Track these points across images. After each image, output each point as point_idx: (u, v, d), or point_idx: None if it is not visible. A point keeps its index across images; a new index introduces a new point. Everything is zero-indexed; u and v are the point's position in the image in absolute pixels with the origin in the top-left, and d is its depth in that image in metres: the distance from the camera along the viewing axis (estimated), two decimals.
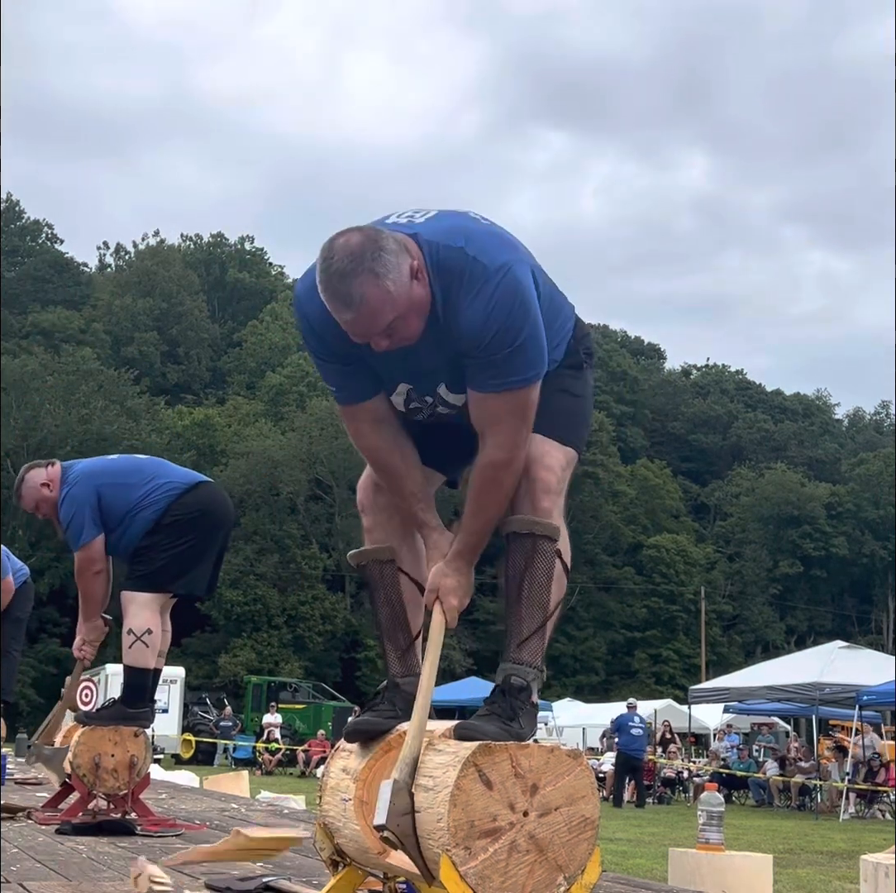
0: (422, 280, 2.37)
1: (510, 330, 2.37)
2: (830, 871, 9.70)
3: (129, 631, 5.03)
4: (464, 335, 2.39)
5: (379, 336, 2.37)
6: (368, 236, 2.33)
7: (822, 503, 64.36)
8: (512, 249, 2.45)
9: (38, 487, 5.24)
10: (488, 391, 2.44)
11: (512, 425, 2.45)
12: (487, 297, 2.36)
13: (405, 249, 2.35)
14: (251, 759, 26.26)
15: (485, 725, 2.28)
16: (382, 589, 2.67)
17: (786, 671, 20.84)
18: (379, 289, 2.29)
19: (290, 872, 3.45)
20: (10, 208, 66.65)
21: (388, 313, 2.32)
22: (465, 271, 2.37)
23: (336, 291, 2.31)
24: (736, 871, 6.34)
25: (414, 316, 2.38)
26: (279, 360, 60.85)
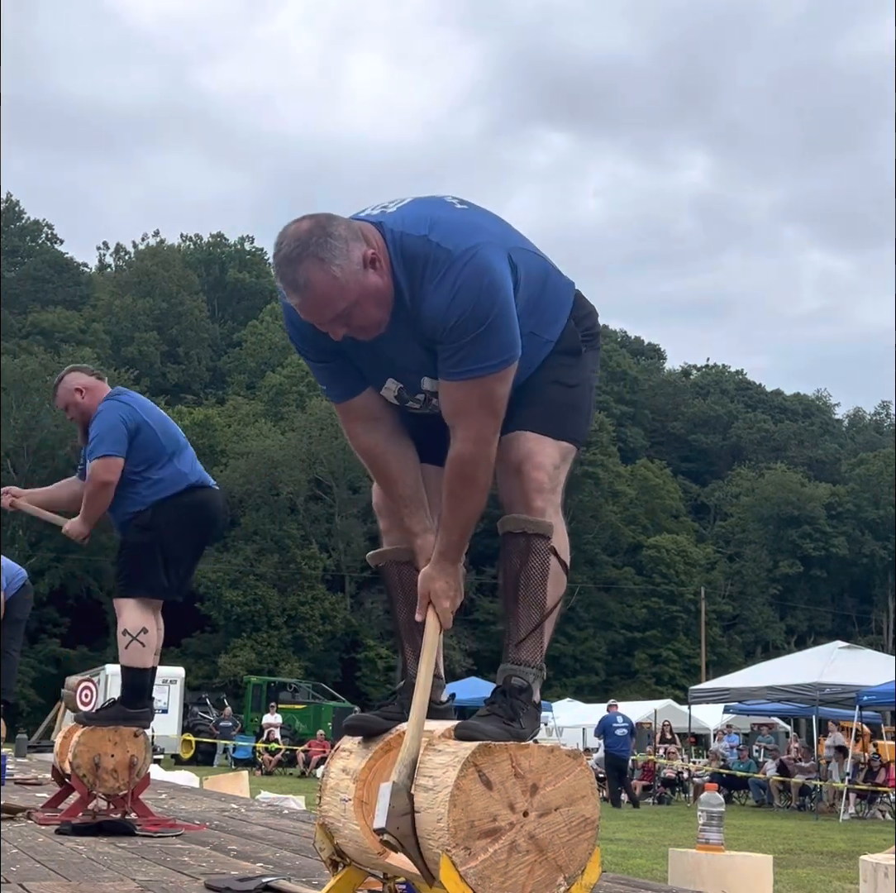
0: (380, 269, 2.35)
1: (475, 314, 2.32)
2: (830, 871, 9.70)
3: (124, 632, 5.02)
4: (428, 321, 2.36)
5: (333, 323, 2.36)
6: (318, 222, 2.33)
7: (822, 503, 64.35)
8: (482, 232, 2.40)
9: (72, 390, 5.16)
10: (453, 379, 2.39)
11: (479, 417, 2.39)
12: (451, 281, 2.32)
13: (359, 237, 2.34)
14: (251, 759, 26.27)
15: (484, 725, 2.27)
16: (401, 590, 2.64)
17: (786, 672, 20.84)
18: (324, 273, 2.28)
19: (290, 872, 3.45)
20: (10, 208, 66.67)
21: (336, 299, 2.31)
22: (430, 258, 2.34)
23: (284, 276, 2.32)
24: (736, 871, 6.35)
25: (371, 304, 2.35)
26: (279, 360, 60.83)
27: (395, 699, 2.59)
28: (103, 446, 5.01)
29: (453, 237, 2.36)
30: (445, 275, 2.33)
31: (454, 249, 2.34)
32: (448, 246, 2.34)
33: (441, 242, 2.35)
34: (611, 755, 19.53)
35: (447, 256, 2.33)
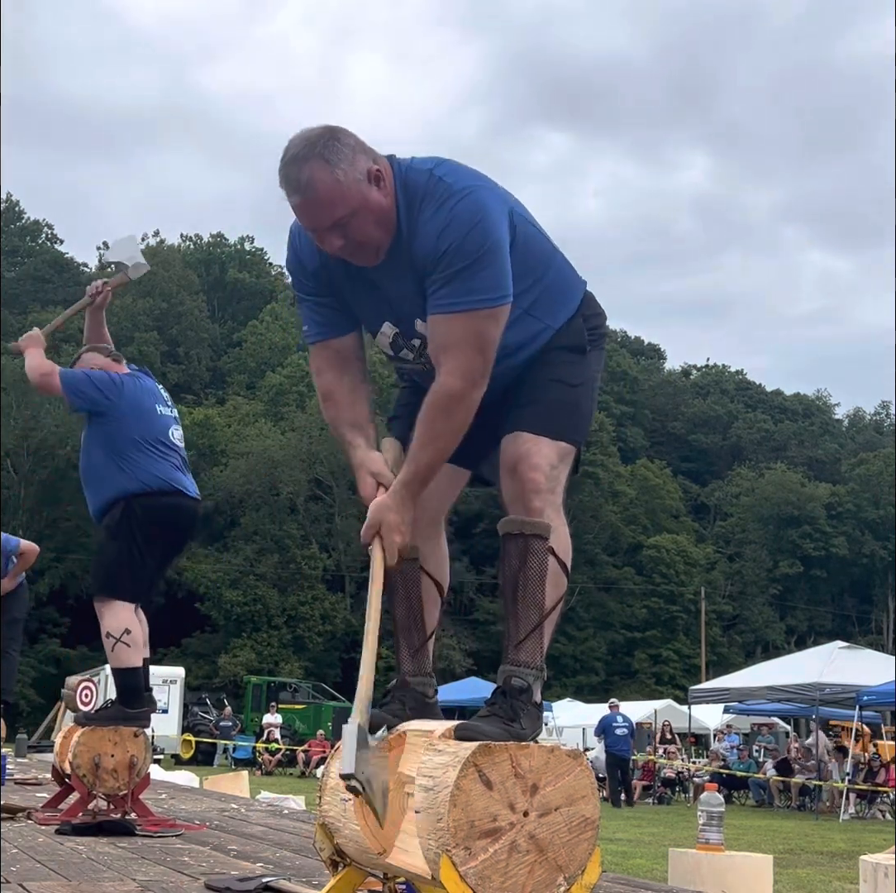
0: (383, 189, 2.35)
1: (465, 246, 2.31)
2: (830, 871, 9.70)
3: (107, 635, 5.01)
4: (419, 251, 2.35)
5: (330, 232, 2.34)
6: (327, 128, 2.35)
7: (822, 503, 64.37)
8: (486, 180, 2.41)
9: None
10: (440, 311, 2.37)
11: (465, 353, 2.36)
12: (446, 212, 2.33)
13: (367, 152, 2.35)
14: (251, 759, 26.27)
15: (484, 725, 2.27)
16: (403, 586, 2.61)
17: (786, 672, 20.84)
18: (328, 174, 2.29)
19: (290, 872, 3.45)
20: (10, 208, 66.66)
21: (335, 203, 2.30)
22: (429, 190, 2.36)
23: (287, 175, 2.32)
24: (736, 871, 6.35)
25: (370, 220, 2.34)
26: (279, 360, 60.83)
27: (393, 695, 2.59)
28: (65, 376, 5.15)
29: (455, 174, 2.38)
30: (441, 207, 2.34)
31: (454, 184, 2.36)
32: (448, 180, 2.36)
33: (443, 177, 2.37)
34: (611, 754, 19.54)
35: (446, 189, 2.35)
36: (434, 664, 2.70)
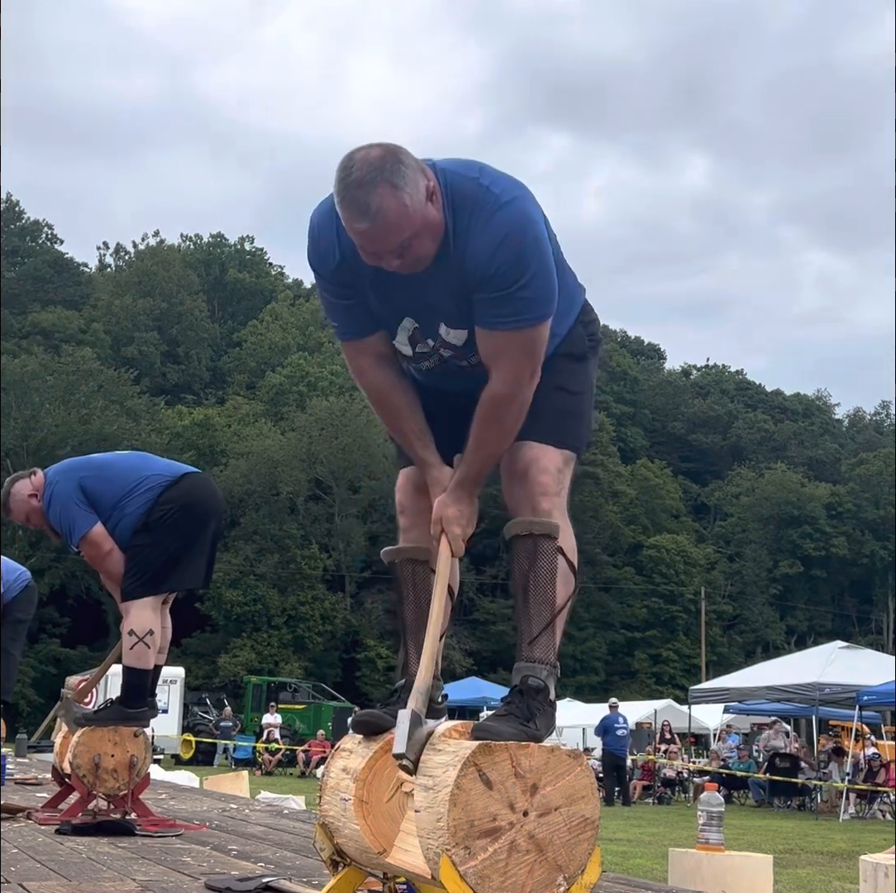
0: (436, 203, 2.35)
1: (519, 264, 2.34)
2: (830, 871, 9.70)
3: (130, 632, 5.01)
4: (471, 266, 2.37)
5: (391, 254, 2.34)
6: (388, 149, 2.32)
7: (822, 503, 64.34)
8: (525, 189, 2.43)
9: (27, 498, 5.19)
10: (496, 329, 2.41)
11: (519, 362, 2.43)
12: (497, 227, 2.34)
13: (421, 169, 2.34)
14: (251, 759, 26.26)
15: (501, 726, 2.27)
16: (412, 589, 2.65)
17: (786, 671, 20.83)
18: (396, 200, 2.27)
19: (290, 872, 3.45)
20: (10, 208, 66.60)
21: (403, 228, 2.30)
22: (478, 200, 2.36)
23: (354, 199, 2.29)
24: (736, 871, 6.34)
25: (427, 237, 2.35)
26: (279, 360, 60.82)
27: (398, 697, 2.60)
28: (75, 526, 5.07)
29: (500, 183, 2.39)
30: (491, 219, 2.34)
31: (501, 194, 2.36)
32: (496, 190, 2.37)
33: (491, 186, 2.37)
34: (611, 754, 19.55)
35: (495, 200, 2.35)
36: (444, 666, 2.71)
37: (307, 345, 62.15)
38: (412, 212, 2.29)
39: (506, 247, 2.33)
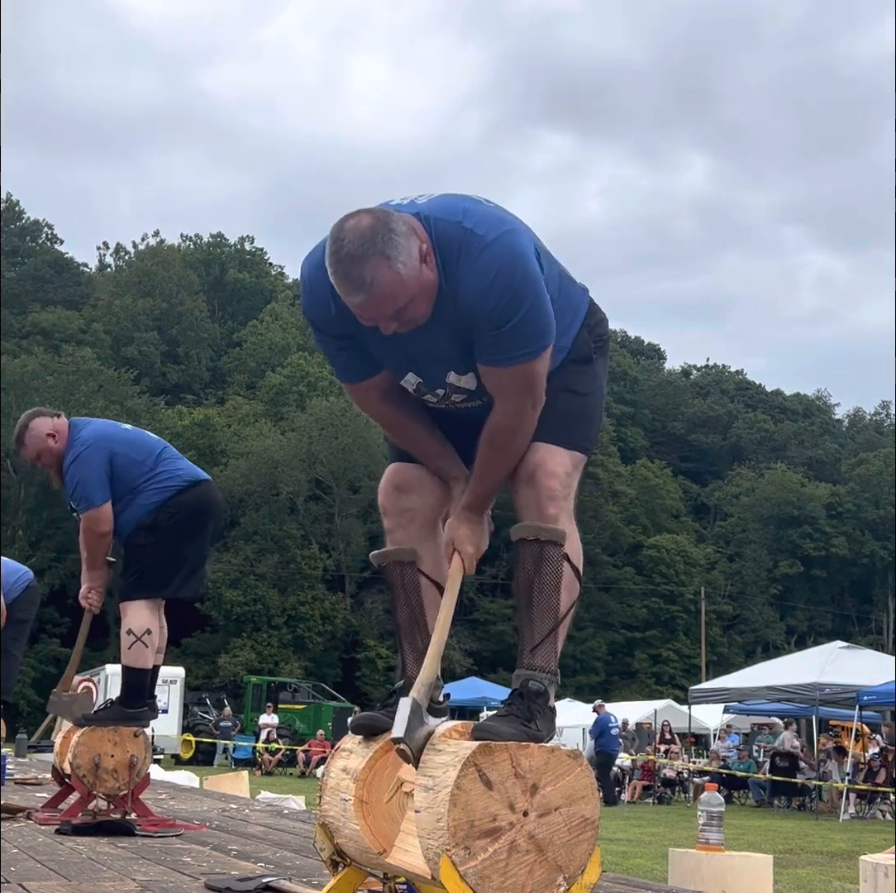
0: (430, 263, 2.36)
1: (512, 301, 2.34)
2: (830, 871, 9.70)
3: (128, 631, 5.02)
4: (464, 308, 2.38)
5: (388, 320, 2.36)
6: (379, 219, 2.32)
7: (822, 503, 64.33)
8: (510, 222, 2.43)
9: (44, 436, 5.11)
10: (493, 366, 2.44)
11: (520, 395, 2.45)
12: (485, 267, 2.34)
13: (413, 232, 2.34)
14: (251, 759, 26.26)
15: (502, 726, 2.28)
16: (402, 590, 2.65)
17: (786, 671, 20.82)
18: (391, 272, 2.28)
19: (290, 872, 3.45)
20: (10, 208, 66.59)
21: (399, 297, 2.31)
22: (463, 243, 2.36)
23: (347, 274, 2.30)
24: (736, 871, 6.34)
25: (423, 299, 2.37)
26: (279, 360, 60.82)
27: (398, 697, 2.59)
28: (89, 496, 5.02)
29: (484, 224, 2.38)
30: (478, 261, 2.34)
31: (486, 234, 2.36)
32: (480, 232, 2.36)
33: (474, 228, 2.37)
34: (606, 754, 19.63)
35: (479, 241, 2.35)
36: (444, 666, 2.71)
37: (307, 345, 62.11)
38: (407, 279, 2.31)
39: (497, 285, 2.33)
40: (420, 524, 2.68)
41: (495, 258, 2.34)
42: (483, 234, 2.36)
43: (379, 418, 2.70)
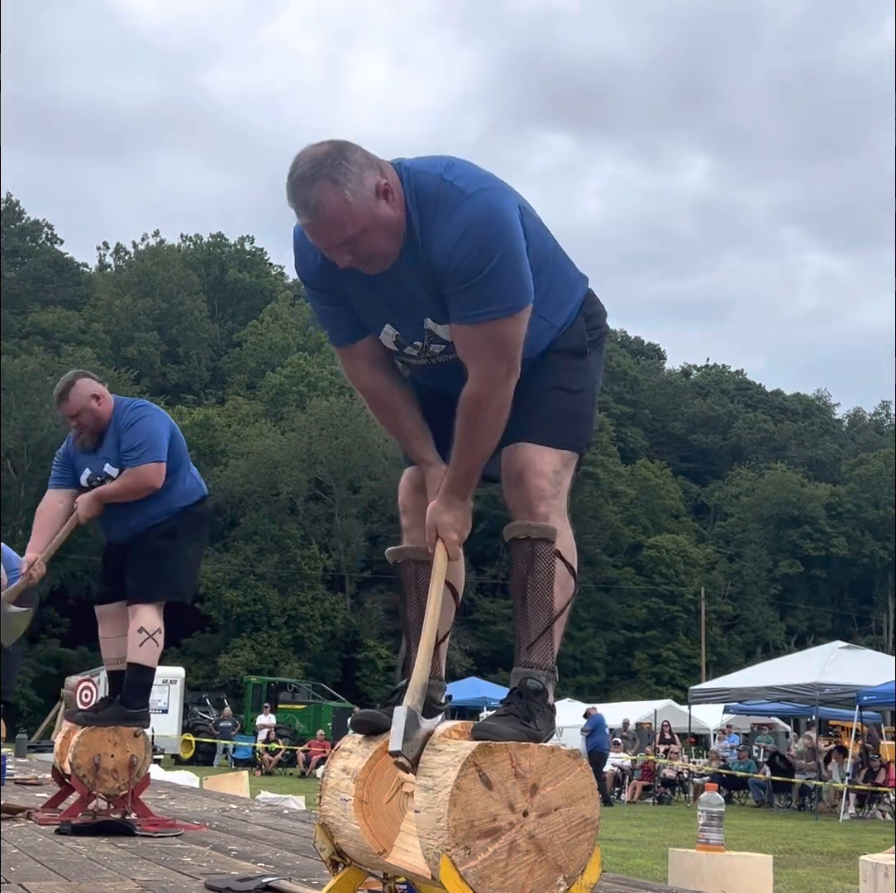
0: (392, 201, 2.34)
1: (481, 256, 2.30)
2: (830, 871, 9.70)
3: (140, 629, 5.05)
4: (435, 261, 2.36)
5: (339, 249, 2.34)
6: (336, 146, 2.34)
7: (822, 504, 64.33)
8: (494, 181, 2.41)
9: (88, 396, 5.07)
10: (461, 323, 2.39)
11: (489, 359, 2.39)
12: (460, 220, 2.32)
13: (375, 166, 2.34)
14: (251, 759, 26.27)
15: (501, 726, 2.27)
16: (415, 589, 2.64)
17: (786, 671, 20.83)
18: (336, 196, 2.28)
19: (290, 872, 3.45)
20: (10, 208, 66.57)
21: (345, 223, 2.30)
22: (441, 195, 2.34)
23: (295, 195, 2.32)
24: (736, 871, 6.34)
25: (380, 234, 2.34)
26: (279, 360, 60.81)
27: (399, 697, 2.59)
28: (154, 451, 5.04)
29: (466, 177, 2.37)
30: (454, 213, 2.33)
31: (466, 187, 2.34)
32: (460, 184, 2.35)
33: (454, 181, 2.35)
34: (598, 753, 19.70)
35: (458, 194, 2.33)
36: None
37: (307, 345, 62.14)
38: (354, 207, 2.29)
39: (467, 239, 2.30)
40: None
41: (471, 211, 2.31)
42: (463, 187, 2.34)
43: (364, 388, 2.66)
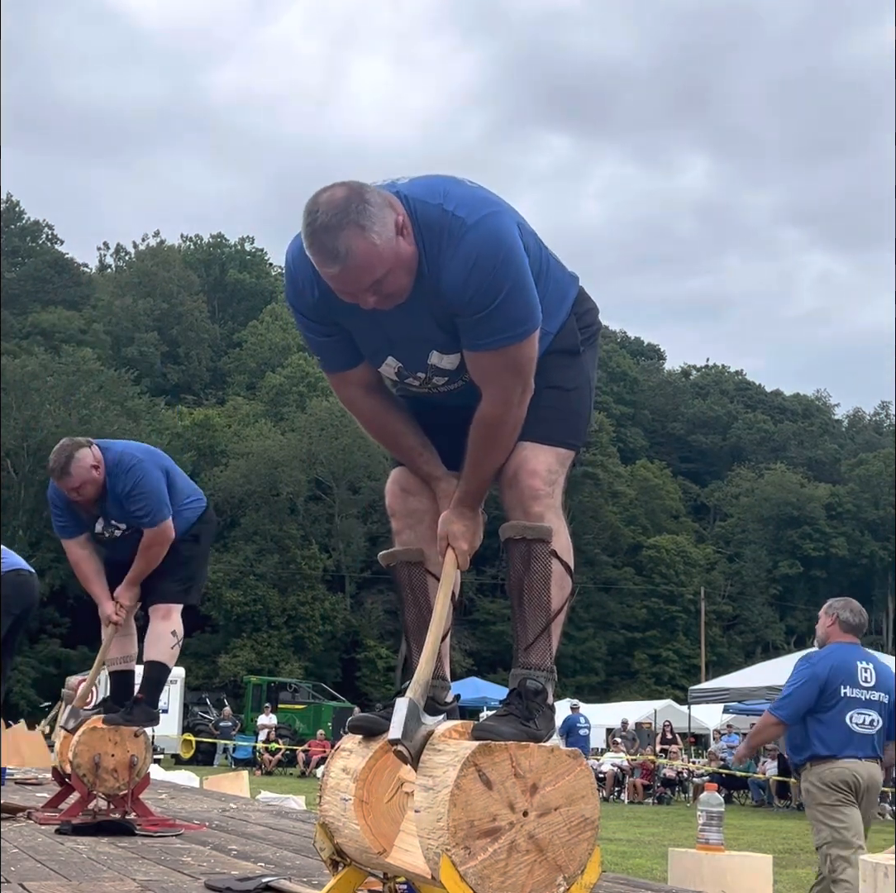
0: (408, 236, 2.34)
1: (492, 286, 2.32)
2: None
3: (173, 632, 5.26)
4: (446, 294, 2.36)
5: (366, 293, 2.34)
6: (352, 189, 2.31)
7: (822, 504, 64.34)
8: (493, 203, 2.41)
9: (89, 467, 5.11)
10: (477, 350, 2.41)
11: (506, 382, 2.42)
12: (467, 252, 2.32)
13: (389, 204, 2.33)
14: (251, 759, 26.26)
15: (501, 726, 2.28)
16: (410, 591, 2.65)
17: (786, 672, 20.75)
18: (365, 241, 2.26)
19: (290, 872, 3.45)
20: (10, 208, 66.54)
21: (375, 267, 2.29)
22: (445, 227, 2.34)
23: (322, 245, 2.29)
24: (736, 871, 6.33)
25: (402, 272, 2.35)
26: (279, 360, 60.81)
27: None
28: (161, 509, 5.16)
29: (466, 205, 2.36)
30: (460, 246, 2.33)
31: (468, 217, 2.34)
32: (462, 215, 2.34)
33: (455, 210, 2.35)
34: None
35: (461, 225, 2.34)
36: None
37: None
38: (382, 250, 2.29)
39: (478, 269, 2.31)
40: (427, 525, 2.66)
41: (476, 241, 2.32)
42: (464, 216, 2.34)
43: (360, 413, 2.66)
